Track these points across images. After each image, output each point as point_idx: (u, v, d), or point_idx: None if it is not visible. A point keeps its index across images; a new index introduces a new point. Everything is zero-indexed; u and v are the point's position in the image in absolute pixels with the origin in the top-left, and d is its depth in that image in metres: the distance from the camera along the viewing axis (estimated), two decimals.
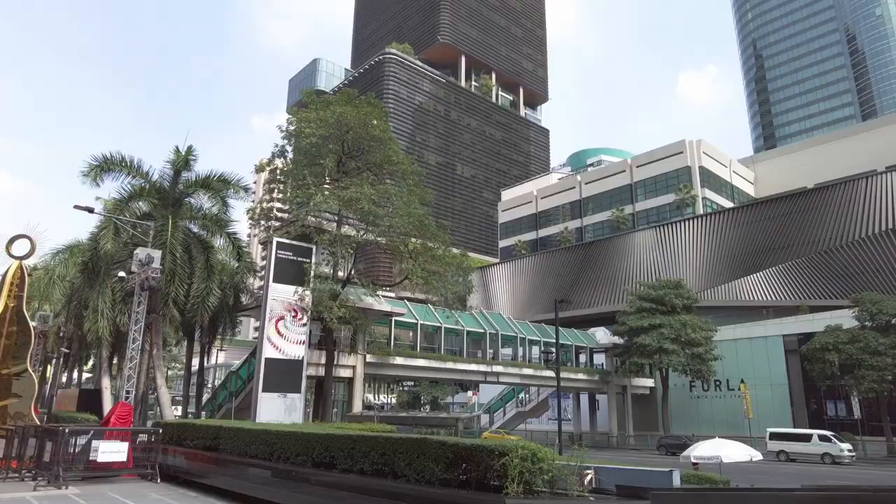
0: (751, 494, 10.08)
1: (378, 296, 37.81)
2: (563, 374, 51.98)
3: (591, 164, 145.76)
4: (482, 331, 51.11)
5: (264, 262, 35.03)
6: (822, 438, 41.07)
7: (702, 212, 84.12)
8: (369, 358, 39.57)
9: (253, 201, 37.54)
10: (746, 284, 66.66)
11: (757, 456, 22.60)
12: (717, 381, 56.35)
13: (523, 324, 57.75)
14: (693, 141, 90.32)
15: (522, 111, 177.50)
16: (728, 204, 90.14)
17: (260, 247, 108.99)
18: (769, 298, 64.01)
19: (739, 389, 53.48)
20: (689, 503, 9.97)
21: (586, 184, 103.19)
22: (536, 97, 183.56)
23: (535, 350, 55.21)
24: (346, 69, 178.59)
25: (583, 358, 60.96)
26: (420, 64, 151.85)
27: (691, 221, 77.48)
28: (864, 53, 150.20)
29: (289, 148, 37.27)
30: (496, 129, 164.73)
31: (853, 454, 40.15)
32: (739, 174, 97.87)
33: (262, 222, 36.38)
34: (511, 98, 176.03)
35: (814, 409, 53.87)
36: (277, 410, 30.69)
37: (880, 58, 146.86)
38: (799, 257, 64.15)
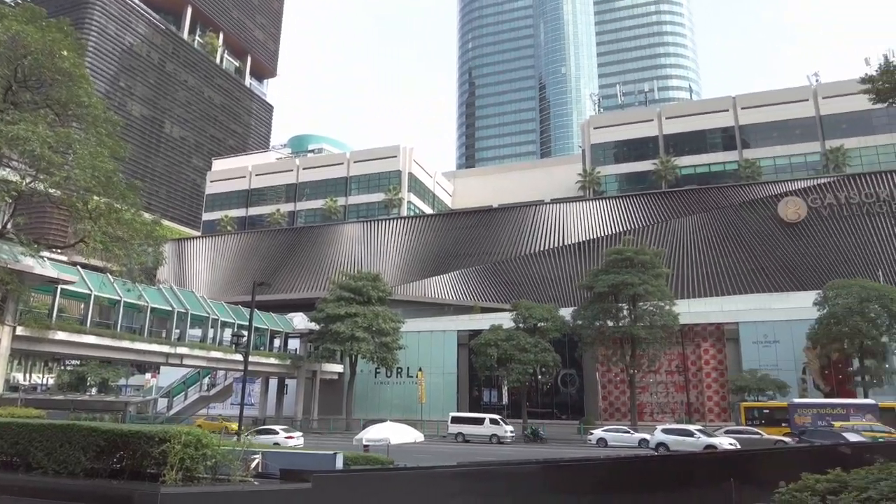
0: (399, 473, 11.31)
1: (42, 258, 32.11)
2: (254, 359, 50.98)
3: (313, 151, 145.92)
4: (170, 308, 47.23)
5: None
6: (492, 422, 47.50)
7: (405, 214, 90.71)
8: (21, 330, 33.43)
9: None
10: (434, 283, 74.01)
11: (420, 438, 25.29)
12: (399, 368, 61.25)
13: (218, 304, 55.03)
14: (407, 148, 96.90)
15: (248, 81, 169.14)
16: (428, 210, 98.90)
17: None
18: (451, 297, 72.04)
19: (417, 377, 59.02)
20: (346, 484, 10.72)
21: (304, 169, 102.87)
22: (265, 70, 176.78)
23: (228, 332, 53.03)
24: None
25: (277, 342, 60.58)
26: (137, 1, 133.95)
27: (395, 221, 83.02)
28: (549, 102, 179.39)
29: None
30: (216, 93, 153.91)
31: (514, 434, 47.37)
32: (441, 185, 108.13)
33: None
34: (237, 65, 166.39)
35: (475, 396, 62.29)
36: None
37: (560, 108, 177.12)
38: (479, 264, 73.52)
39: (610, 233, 69.60)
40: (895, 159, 70.57)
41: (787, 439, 38.56)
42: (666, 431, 37.14)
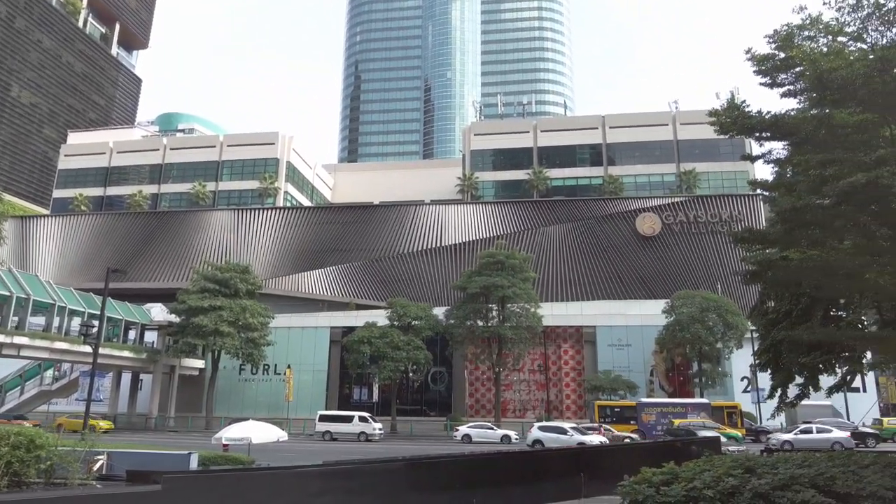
0: (259, 473, 10.98)
1: None
2: (105, 351, 47.28)
3: (183, 130, 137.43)
4: (7, 294, 42.65)
5: None
6: (361, 419, 47.10)
7: (282, 204, 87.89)
8: None
9: None
10: (309, 278, 72.37)
11: (283, 437, 24.63)
12: (266, 365, 59.17)
13: (66, 291, 50.34)
14: (287, 136, 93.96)
15: (115, 50, 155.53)
16: (306, 202, 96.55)
17: None
18: (326, 293, 70.83)
19: (285, 374, 57.34)
20: (201, 485, 10.22)
21: (172, 149, 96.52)
22: (135, 40, 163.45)
23: (77, 322, 48.71)
24: None
25: (133, 334, 56.52)
26: None
27: (270, 211, 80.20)
28: (434, 104, 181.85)
29: None
30: (77, 60, 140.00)
31: (382, 432, 47.30)
32: (321, 177, 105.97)
33: None
34: (103, 31, 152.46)
35: (345, 394, 61.72)
36: None
37: (444, 112, 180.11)
38: (356, 261, 72.89)
39: (484, 236, 71.78)
40: (735, 185, 78.98)
41: (634, 436, 41.91)
42: (542, 429, 38.71)
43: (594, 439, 36.17)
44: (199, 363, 60.26)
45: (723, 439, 32.60)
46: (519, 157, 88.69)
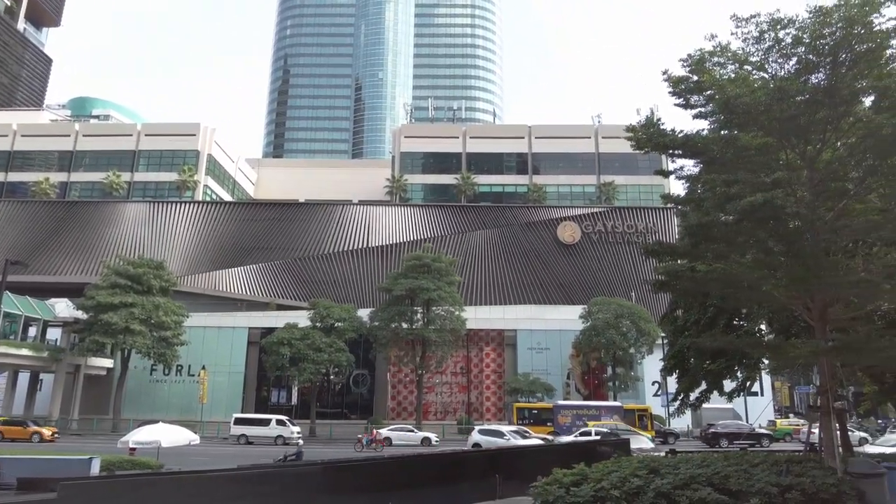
0: (167, 478, 10.56)
1: None
2: (1, 349, 44.22)
3: (97, 117, 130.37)
4: None
5: None
6: (279, 423, 45.85)
7: (201, 198, 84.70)
8: None
9: None
10: (227, 276, 70.04)
11: (195, 440, 23.75)
12: (179, 366, 56.78)
13: None
14: (208, 127, 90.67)
15: (21, 25, 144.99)
16: (227, 197, 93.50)
17: None
18: (245, 292, 68.75)
19: (199, 375, 55.18)
20: (99, 492, 9.71)
21: (85, 136, 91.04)
22: (45, 17, 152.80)
23: None
24: None
25: (33, 331, 52.88)
26: None
27: (188, 205, 77.10)
28: (364, 104, 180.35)
29: None
30: None
31: (300, 435, 46.25)
32: (244, 172, 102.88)
33: None
34: (8, 3, 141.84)
35: (263, 396, 60.11)
36: None
37: (374, 112, 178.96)
38: (278, 260, 71.21)
39: (411, 238, 71.91)
40: (651, 198, 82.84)
41: (550, 437, 43.05)
42: (481, 432, 38.88)
43: (532, 441, 36.78)
44: (108, 362, 57.13)
45: (649, 443, 34.22)
46: (448, 162, 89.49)
